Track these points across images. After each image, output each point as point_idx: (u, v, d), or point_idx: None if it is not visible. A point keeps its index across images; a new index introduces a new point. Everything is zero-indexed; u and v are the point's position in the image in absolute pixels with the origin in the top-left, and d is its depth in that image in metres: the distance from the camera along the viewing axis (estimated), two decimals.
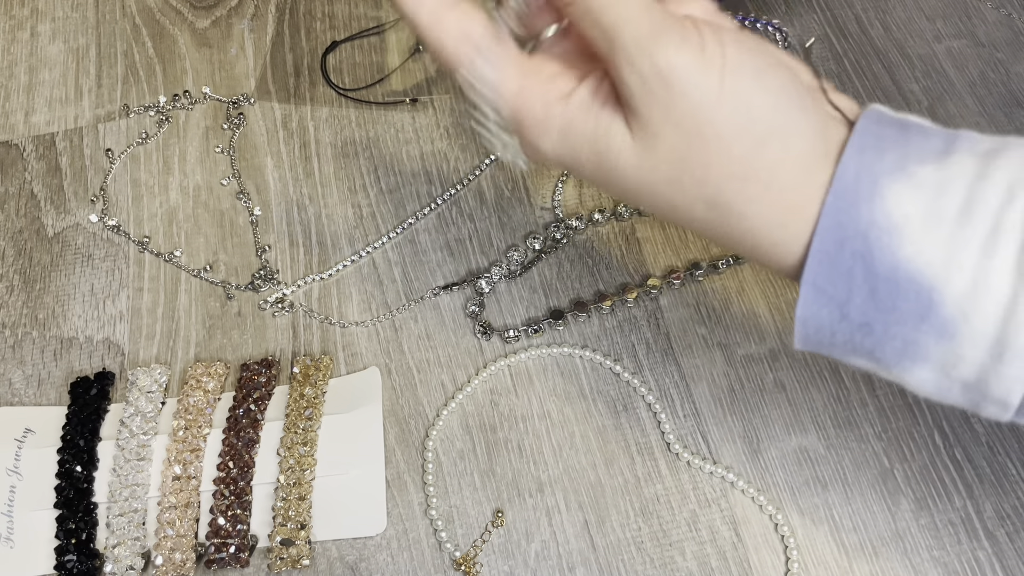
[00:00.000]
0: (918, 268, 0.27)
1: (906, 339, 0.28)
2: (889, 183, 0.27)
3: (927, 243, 0.27)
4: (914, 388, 0.30)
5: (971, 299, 0.26)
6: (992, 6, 0.56)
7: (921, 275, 0.27)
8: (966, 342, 0.27)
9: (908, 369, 0.29)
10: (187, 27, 0.57)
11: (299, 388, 0.44)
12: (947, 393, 0.29)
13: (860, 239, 0.27)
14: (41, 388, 0.45)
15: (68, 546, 0.40)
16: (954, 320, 0.27)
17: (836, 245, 0.28)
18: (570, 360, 0.45)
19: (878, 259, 0.27)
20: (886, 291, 0.27)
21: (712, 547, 0.40)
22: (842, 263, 0.28)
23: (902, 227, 0.27)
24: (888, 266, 0.27)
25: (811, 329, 0.30)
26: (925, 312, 0.27)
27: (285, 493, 0.41)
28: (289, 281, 0.48)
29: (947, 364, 0.28)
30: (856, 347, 0.29)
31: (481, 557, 0.40)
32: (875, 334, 0.28)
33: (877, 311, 0.28)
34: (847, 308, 0.28)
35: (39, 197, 0.51)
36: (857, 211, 0.27)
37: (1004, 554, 0.39)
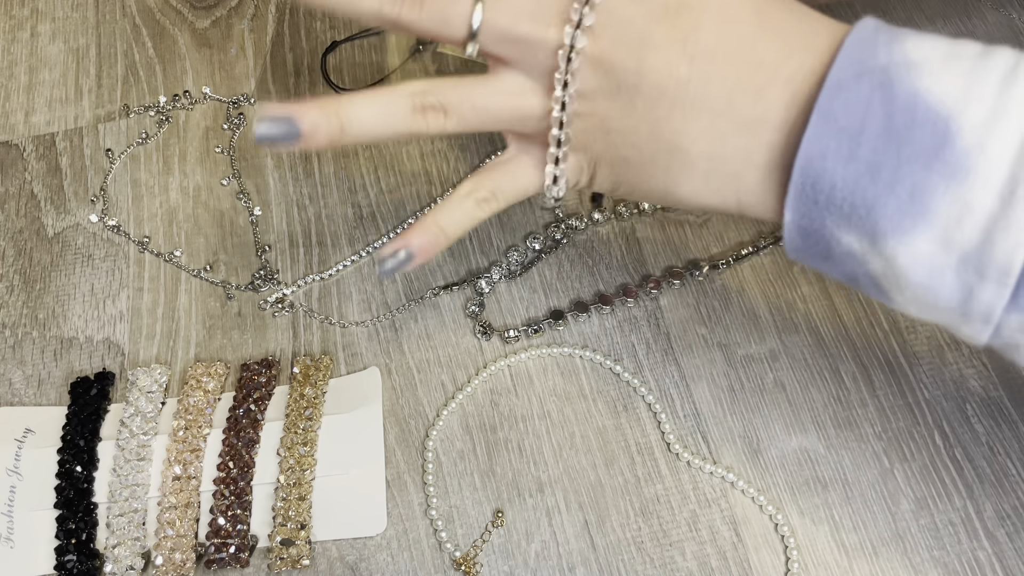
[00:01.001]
0: (937, 98, 0.26)
1: (915, 184, 0.26)
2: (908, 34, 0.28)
3: (947, 75, 0.26)
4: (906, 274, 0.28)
5: (989, 127, 0.25)
6: (992, 6, 0.56)
7: (940, 104, 0.26)
8: (978, 182, 0.26)
9: (906, 236, 0.27)
10: (187, 27, 0.57)
11: (299, 388, 0.44)
12: (940, 277, 0.27)
13: (879, 71, 0.27)
14: (41, 388, 0.45)
15: (68, 546, 0.40)
16: (969, 153, 0.26)
17: (854, 76, 0.27)
18: (570, 360, 0.45)
19: (897, 87, 0.27)
20: (902, 121, 0.26)
21: (712, 547, 0.40)
22: (860, 91, 0.27)
23: (921, 64, 0.27)
24: (907, 94, 0.27)
25: (810, 176, 0.28)
26: (941, 144, 0.26)
27: (285, 493, 0.41)
28: (289, 281, 0.48)
29: (951, 223, 0.26)
30: (856, 205, 0.28)
31: (481, 557, 0.40)
32: (881, 179, 0.27)
33: (890, 144, 0.27)
34: (859, 140, 0.27)
35: (39, 197, 0.51)
36: (876, 51, 0.28)
37: (1004, 554, 0.39)
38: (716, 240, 0.48)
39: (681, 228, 0.49)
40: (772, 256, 0.48)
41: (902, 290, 0.29)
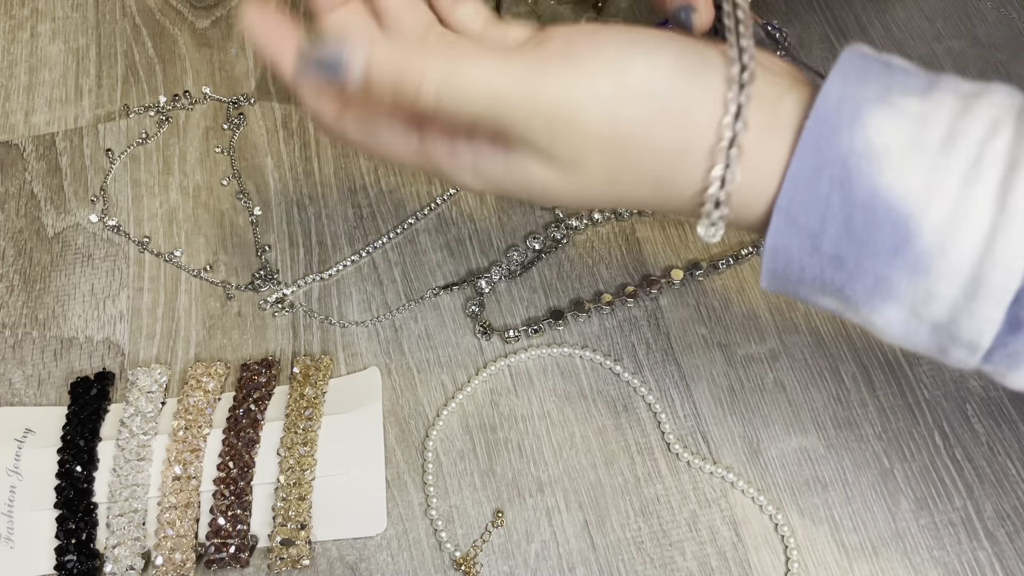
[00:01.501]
0: (898, 196, 0.26)
1: (878, 275, 0.27)
2: (872, 111, 0.27)
3: (908, 171, 0.26)
4: (881, 330, 0.29)
5: (950, 229, 0.25)
6: (992, 6, 0.56)
7: (900, 203, 0.26)
8: (941, 279, 0.26)
9: (877, 308, 0.28)
10: (187, 27, 0.57)
11: (299, 388, 0.44)
12: (914, 335, 0.28)
13: (839, 165, 0.27)
14: (41, 388, 0.45)
15: (68, 546, 0.40)
16: (930, 253, 0.26)
17: (814, 171, 0.27)
18: (570, 360, 0.45)
19: (856, 185, 0.26)
20: (862, 221, 0.26)
21: (712, 547, 0.40)
22: (819, 189, 0.27)
23: (883, 155, 0.26)
24: (867, 193, 0.26)
25: (780, 263, 0.29)
26: (901, 244, 0.26)
27: (285, 493, 0.41)
28: (289, 281, 0.48)
29: (918, 303, 0.27)
30: (825, 284, 0.28)
31: (481, 557, 0.40)
32: (846, 269, 0.27)
33: (850, 243, 0.27)
34: (820, 239, 0.27)
35: (39, 197, 0.51)
36: (838, 137, 0.27)
37: (1004, 554, 0.39)
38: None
39: (681, 228, 0.49)
40: None
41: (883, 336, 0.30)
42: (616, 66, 0.28)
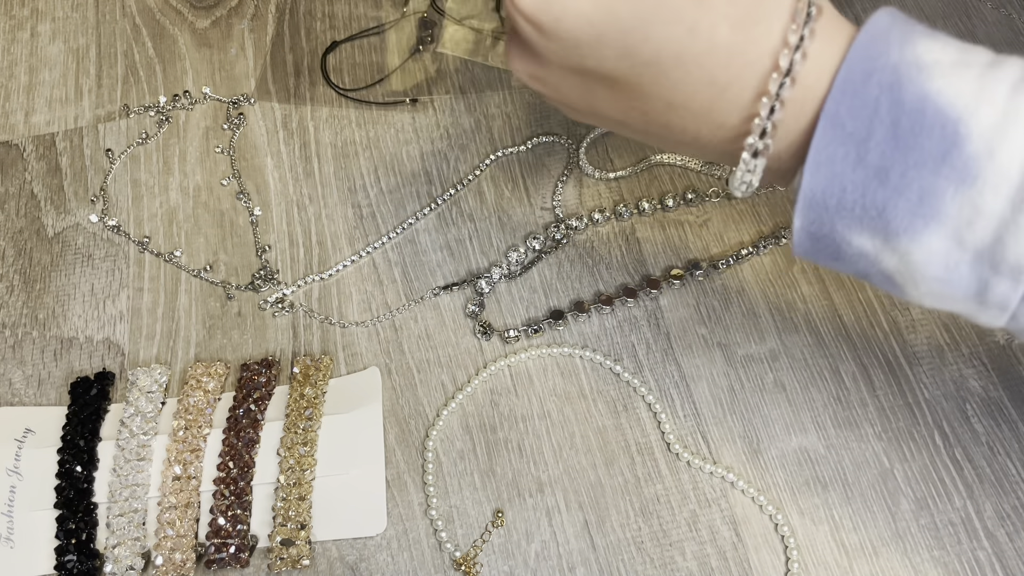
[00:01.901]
0: (948, 100, 0.26)
1: (923, 188, 0.26)
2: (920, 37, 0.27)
3: (958, 78, 0.26)
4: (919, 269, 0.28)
5: (999, 133, 0.25)
6: (992, 6, 0.56)
7: (950, 107, 0.26)
8: (988, 188, 0.25)
9: (919, 235, 0.27)
10: (187, 27, 0.57)
11: (299, 388, 0.44)
12: (955, 272, 0.27)
13: (889, 71, 0.27)
14: (41, 388, 0.45)
15: (68, 546, 0.40)
16: (978, 158, 0.25)
17: (863, 76, 0.27)
18: (570, 360, 0.45)
19: (906, 89, 0.26)
20: (909, 126, 0.26)
21: (712, 547, 0.40)
22: (868, 93, 0.27)
23: (932, 66, 0.26)
24: (916, 97, 0.26)
25: (820, 183, 0.28)
26: (949, 149, 0.26)
27: (285, 493, 0.41)
28: (289, 281, 0.48)
29: (962, 225, 0.26)
30: (866, 207, 0.27)
31: (481, 557, 0.40)
32: (890, 183, 0.27)
33: (897, 150, 0.26)
34: (866, 147, 0.27)
35: (39, 197, 0.51)
36: (888, 49, 0.27)
37: (1004, 554, 0.39)
38: (716, 240, 0.48)
39: (681, 228, 0.49)
40: (772, 256, 0.48)
41: (917, 285, 0.29)
42: None
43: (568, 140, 0.52)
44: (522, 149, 0.52)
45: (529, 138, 0.52)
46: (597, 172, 0.51)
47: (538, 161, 0.52)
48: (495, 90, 0.54)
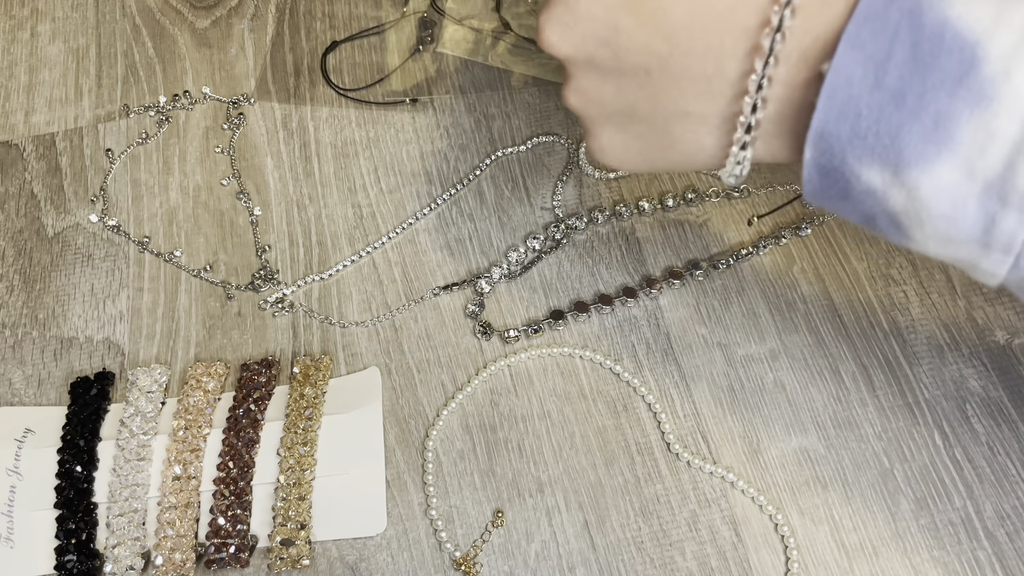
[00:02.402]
0: (967, 25, 0.26)
1: (939, 111, 0.26)
2: None
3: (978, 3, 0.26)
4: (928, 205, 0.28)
5: (1016, 55, 0.25)
6: None
7: (969, 31, 0.26)
8: (1003, 110, 0.26)
9: (930, 164, 0.27)
10: (187, 27, 0.57)
11: (299, 388, 0.44)
12: (962, 207, 0.27)
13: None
14: (41, 388, 0.45)
15: (68, 546, 0.40)
16: (994, 80, 0.26)
17: (884, 3, 0.27)
18: (570, 360, 0.45)
19: (927, 14, 0.27)
20: (929, 48, 0.26)
21: (712, 547, 0.40)
22: (888, 18, 0.27)
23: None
24: (936, 21, 0.26)
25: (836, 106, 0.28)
26: (966, 70, 0.26)
27: (285, 493, 0.41)
28: (289, 281, 0.48)
29: (974, 150, 0.26)
30: (879, 134, 0.28)
31: (481, 557, 0.40)
32: (906, 106, 0.27)
33: (915, 71, 0.27)
34: (884, 69, 0.27)
35: (39, 197, 0.51)
36: None
37: (1004, 554, 0.39)
38: (716, 240, 0.48)
39: (681, 228, 0.49)
40: (772, 256, 0.48)
41: (923, 224, 0.29)
42: None
43: (568, 140, 0.52)
44: (522, 149, 0.52)
45: (529, 138, 0.52)
46: (597, 172, 0.51)
47: (538, 161, 0.52)
48: (495, 90, 0.54)
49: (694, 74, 0.31)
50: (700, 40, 0.30)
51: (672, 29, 0.31)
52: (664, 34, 0.31)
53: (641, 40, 0.31)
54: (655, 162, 0.36)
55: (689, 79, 0.31)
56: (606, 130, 0.36)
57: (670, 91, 0.32)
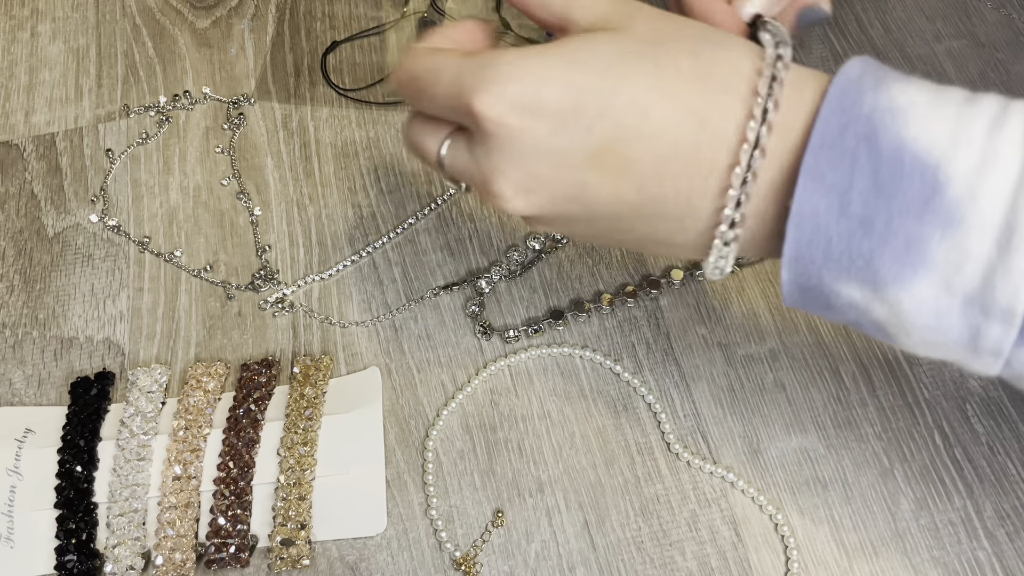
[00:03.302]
0: (924, 147, 0.26)
1: (909, 235, 0.26)
2: (893, 80, 0.27)
3: (934, 121, 0.26)
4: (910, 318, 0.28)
5: (979, 175, 0.25)
6: (992, 6, 0.56)
7: (927, 153, 0.26)
8: (973, 230, 0.25)
9: (907, 283, 0.27)
10: (187, 27, 0.57)
11: (299, 388, 0.44)
12: (946, 318, 0.27)
13: (864, 121, 0.27)
14: (41, 388, 0.45)
15: (68, 546, 0.40)
16: (960, 202, 0.25)
17: (839, 128, 0.27)
18: (570, 360, 0.45)
19: (882, 139, 0.26)
20: (889, 174, 0.26)
21: (712, 547, 0.40)
22: (845, 145, 0.27)
23: (908, 109, 0.26)
24: (893, 145, 0.26)
25: (805, 235, 0.28)
26: (930, 195, 0.25)
27: (285, 493, 0.41)
28: (289, 281, 0.48)
29: (950, 269, 0.26)
30: (853, 258, 0.27)
31: (481, 557, 0.40)
32: (875, 232, 0.26)
33: (879, 198, 0.26)
34: (848, 197, 0.27)
35: (39, 197, 0.51)
36: (862, 98, 0.27)
37: (1004, 554, 0.39)
38: None
39: None
40: None
41: (909, 334, 0.28)
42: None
43: None
44: None
45: None
46: None
47: None
48: None
49: (667, 215, 0.31)
50: (670, 185, 0.30)
51: (641, 178, 0.30)
52: (633, 184, 0.30)
53: (610, 192, 0.30)
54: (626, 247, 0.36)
55: (661, 219, 0.31)
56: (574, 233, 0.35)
57: (643, 227, 0.32)
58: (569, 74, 0.29)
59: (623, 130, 0.29)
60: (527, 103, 0.29)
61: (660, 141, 0.29)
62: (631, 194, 0.30)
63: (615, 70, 0.29)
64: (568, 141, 0.29)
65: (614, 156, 0.30)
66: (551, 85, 0.29)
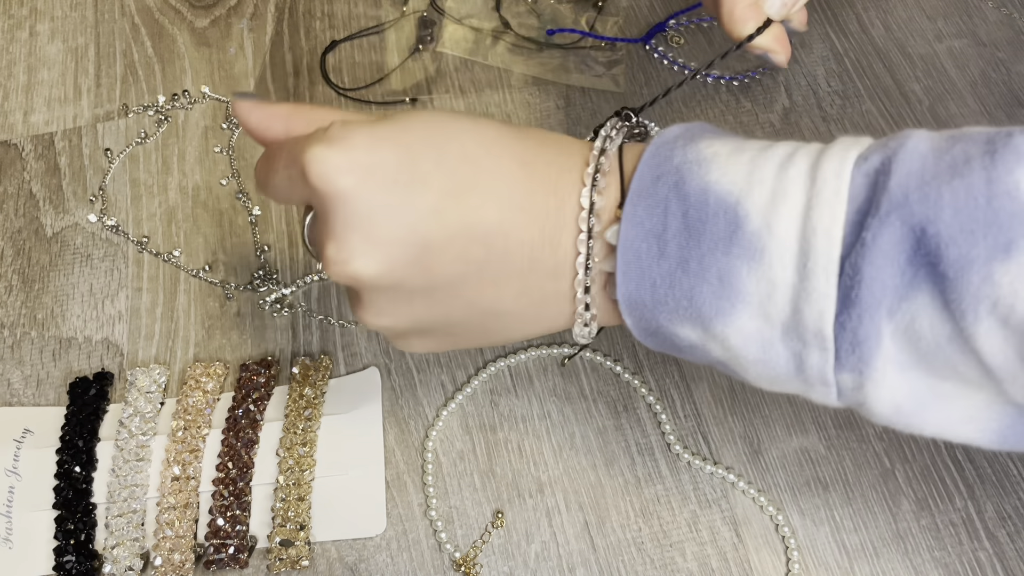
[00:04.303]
0: (725, 188, 0.28)
1: (720, 270, 0.28)
2: (706, 137, 0.30)
3: (732, 166, 0.29)
4: (742, 353, 0.29)
5: (772, 207, 0.27)
6: (993, 6, 0.55)
7: (728, 193, 0.28)
8: (775, 259, 0.27)
9: (728, 318, 0.28)
10: (186, 26, 0.57)
11: (298, 388, 0.43)
12: (771, 350, 0.28)
13: (674, 172, 0.29)
14: (40, 388, 0.45)
15: (67, 547, 0.40)
16: (759, 234, 0.27)
17: (652, 180, 0.29)
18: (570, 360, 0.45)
19: (689, 184, 0.29)
20: (696, 215, 0.28)
21: (713, 548, 0.40)
22: (657, 194, 0.29)
23: (711, 159, 0.29)
24: (698, 190, 0.28)
25: (633, 279, 0.29)
26: (734, 230, 0.28)
27: (284, 494, 0.41)
28: (288, 281, 0.48)
29: (763, 299, 0.28)
30: (677, 298, 0.29)
31: (481, 558, 0.40)
32: (691, 270, 0.28)
33: (690, 238, 0.28)
34: (664, 239, 0.29)
35: (38, 197, 0.51)
36: (673, 154, 0.30)
37: (1005, 555, 0.39)
38: None
39: None
40: None
41: (747, 369, 0.30)
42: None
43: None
44: None
45: None
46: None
47: None
48: (495, 90, 0.54)
49: (512, 271, 0.31)
50: (514, 236, 0.30)
51: (487, 232, 0.30)
52: (479, 239, 0.30)
53: (455, 251, 0.30)
54: (469, 346, 0.37)
55: (507, 277, 0.31)
56: (413, 340, 0.35)
57: (487, 294, 0.32)
58: (401, 135, 0.30)
59: (460, 184, 0.30)
60: (359, 163, 0.29)
61: (499, 192, 0.30)
62: (478, 249, 0.30)
63: (444, 129, 0.31)
64: (404, 197, 0.29)
65: (455, 211, 0.30)
66: (383, 144, 0.29)
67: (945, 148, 0.26)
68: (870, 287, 0.26)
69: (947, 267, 0.25)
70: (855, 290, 0.26)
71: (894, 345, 0.27)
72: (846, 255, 0.26)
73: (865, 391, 0.28)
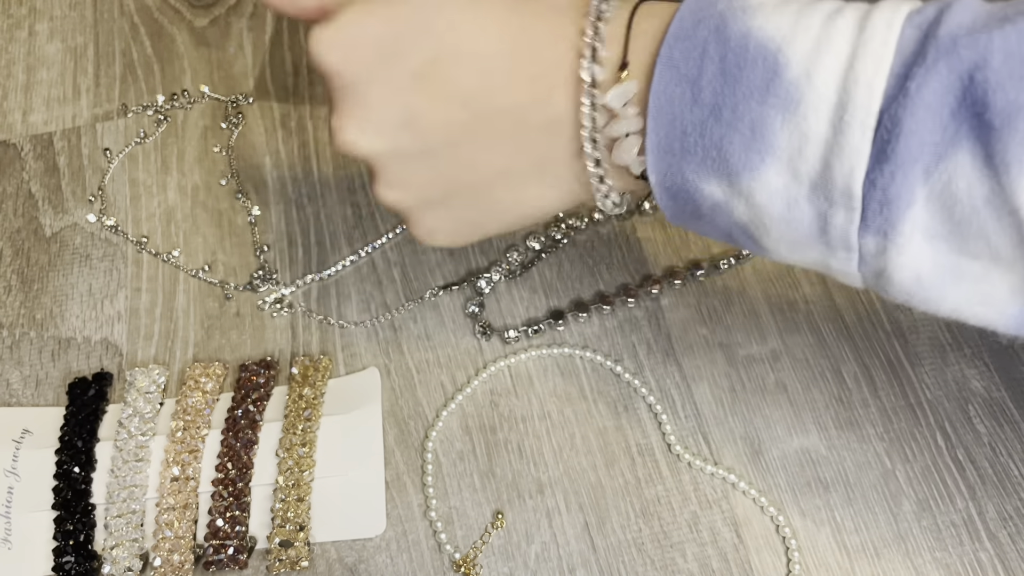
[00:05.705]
0: (768, 34, 0.27)
1: (753, 119, 0.27)
2: None
3: (778, 14, 0.28)
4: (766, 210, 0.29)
5: (814, 57, 0.26)
6: None
7: (770, 40, 0.27)
8: (810, 110, 0.26)
9: (757, 171, 0.28)
10: (185, 26, 0.57)
11: (298, 389, 0.43)
12: (796, 208, 0.28)
13: (716, 16, 0.28)
14: (39, 389, 0.45)
15: (66, 547, 0.40)
16: (798, 83, 0.27)
17: (693, 23, 0.29)
18: (570, 361, 0.45)
19: (731, 27, 0.28)
20: (735, 60, 0.28)
21: (713, 548, 0.40)
22: (697, 37, 0.28)
23: (757, 7, 0.28)
24: (739, 34, 0.28)
25: (663, 126, 0.29)
26: (772, 77, 0.27)
27: (284, 494, 0.41)
28: (288, 281, 0.48)
29: (793, 152, 0.27)
30: (707, 147, 0.28)
31: (481, 559, 0.40)
32: (723, 118, 0.28)
33: (726, 85, 0.28)
34: (699, 85, 0.28)
35: (37, 197, 0.51)
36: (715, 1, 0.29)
37: (1007, 555, 0.39)
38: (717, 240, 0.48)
39: (682, 228, 0.49)
40: None
41: (768, 231, 0.29)
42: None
43: None
44: None
45: None
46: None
47: None
48: None
49: (502, 131, 0.31)
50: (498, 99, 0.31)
51: (466, 96, 0.31)
52: (460, 103, 0.31)
53: (439, 115, 0.31)
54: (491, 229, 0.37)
55: (498, 137, 0.32)
56: (428, 215, 0.35)
57: (483, 155, 0.32)
58: (391, 7, 0.31)
59: (442, 51, 0.31)
60: (351, 41, 0.30)
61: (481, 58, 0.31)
62: (460, 112, 0.31)
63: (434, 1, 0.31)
64: (390, 69, 0.31)
65: (436, 77, 0.31)
66: (370, 18, 0.31)
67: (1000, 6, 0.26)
68: (907, 142, 0.25)
69: (993, 115, 0.24)
70: (891, 144, 0.25)
71: (926, 211, 0.26)
72: (886, 108, 0.25)
73: (888, 256, 0.27)
